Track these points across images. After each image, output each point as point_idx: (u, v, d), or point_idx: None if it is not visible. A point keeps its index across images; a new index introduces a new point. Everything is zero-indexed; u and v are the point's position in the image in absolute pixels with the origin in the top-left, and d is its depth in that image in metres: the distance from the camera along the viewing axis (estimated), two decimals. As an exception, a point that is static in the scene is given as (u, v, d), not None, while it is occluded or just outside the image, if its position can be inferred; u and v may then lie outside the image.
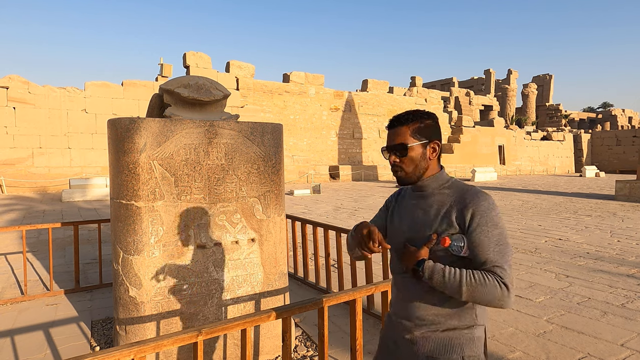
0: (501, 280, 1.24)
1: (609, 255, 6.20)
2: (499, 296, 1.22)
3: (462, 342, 1.34)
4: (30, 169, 16.13)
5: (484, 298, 1.24)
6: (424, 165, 1.41)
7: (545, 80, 47.52)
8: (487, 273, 1.25)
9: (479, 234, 1.28)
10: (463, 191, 1.36)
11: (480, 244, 1.28)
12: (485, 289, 1.23)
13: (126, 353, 1.53)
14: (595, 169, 29.75)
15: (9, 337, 3.46)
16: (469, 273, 1.26)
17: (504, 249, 1.28)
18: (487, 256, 1.27)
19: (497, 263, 1.26)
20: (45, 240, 7.11)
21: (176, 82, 3.06)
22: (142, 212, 2.70)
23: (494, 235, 1.28)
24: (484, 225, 1.29)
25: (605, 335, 3.40)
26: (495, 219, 1.30)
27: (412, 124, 1.40)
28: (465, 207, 1.31)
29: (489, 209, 1.30)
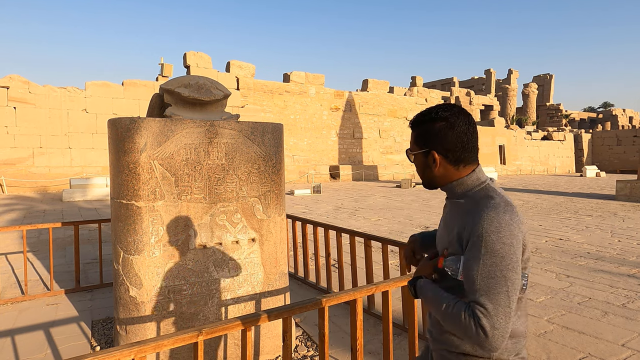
0: (478, 322, 1.03)
1: (609, 255, 6.19)
2: (473, 338, 1.04)
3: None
4: (31, 168, 16.14)
5: (456, 332, 1.09)
6: (430, 175, 1.28)
7: (545, 80, 47.50)
8: (467, 309, 1.07)
9: (469, 260, 1.10)
10: (476, 203, 1.17)
11: (468, 272, 1.10)
12: (459, 326, 1.07)
13: (127, 353, 1.53)
14: (596, 169, 29.74)
15: (10, 336, 3.46)
16: (450, 304, 1.11)
17: (494, 284, 1.05)
18: (471, 288, 1.08)
19: (479, 301, 1.05)
20: (45, 240, 7.11)
21: (177, 82, 3.06)
22: (142, 212, 2.69)
23: (485, 265, 1.07)
24: (476, 250, 1.09)
25: (606, 335, 3.40)
26: (494, 245, 1.07)
27: (416, 129, 1.29)
28: (468, 224, 1.14)
29: (490, 231, 1.08)
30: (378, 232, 8.07)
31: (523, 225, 1.14)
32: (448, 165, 1.25)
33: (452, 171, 1.25)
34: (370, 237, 3.90)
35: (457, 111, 1.24)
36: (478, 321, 1.03)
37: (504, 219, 1.09)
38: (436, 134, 1.23)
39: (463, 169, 1.25)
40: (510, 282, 1.06)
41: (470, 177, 1.24)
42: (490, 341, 1.03)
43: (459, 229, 1.18)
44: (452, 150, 1.23)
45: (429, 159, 1.26)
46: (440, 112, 1.24)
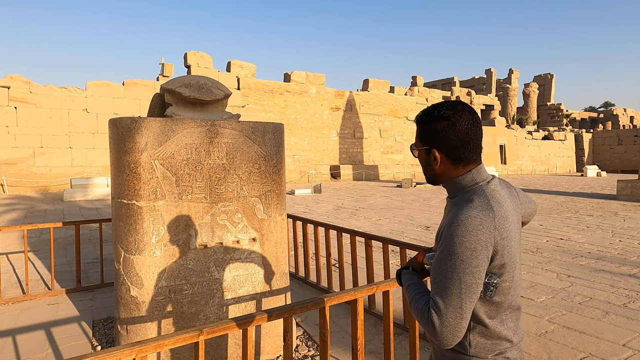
0: (430, 317, 1.10)
1: (610, 255, 6.18)
2: (428, 330, 1.11)
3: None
4: (32, 168, 16.15)
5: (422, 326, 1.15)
6: (431, 171, 1.30)
7: (546, 80, 47.46)
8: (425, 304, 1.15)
9: (435, 260, 1.16)
10: (456, 204, 1.21)
11: (433, 269, 1.16)
12: (419, 318, 1.15)
13: (127, 353, 1.53)
14: (597, 169, 29.71)
15: (11, 336, 3.46)
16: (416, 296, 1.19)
17: (449, 284, 1.10)
18: (432, 285, 1.15)
19: (434, 297, 1.12)
20: (46, 239, 7.12)
21: (177, 82, 3.06)
22: (143, 211, 2.70)
23: (444, 265, 1.12)
24: (441, 252, 1.14)
25: (607, 335, 3.40)
26: (456, 247, 1.10)
27: (420, 126, 1.30)
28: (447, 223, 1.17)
29: (455, 234, 1.11)
30: (379, 231, 8.07)
31: (498, 231, 1.14)
32: (448, 164, 1.26)
33: (451, 169, 1.26)
34: (371, 237, 3.89)
35: (461, 109, 1.23)
36: (430, 317, 1.10)
37: (472, 223, 1.11)
38: (438, 132, 1.24)
39: (462, 169, 1.25)
40: (465, 285, 1.09)
41: (465, 178, 1.25)
42: (439, 336, 1.08)
43: (441, 227, 1.23)
44: (452, 149, 1.23)
45: (431, 157, 1.27)
46: (443, 111, 1.23)
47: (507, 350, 1.23)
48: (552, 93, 47.26)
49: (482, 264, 1.11)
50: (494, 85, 43.13)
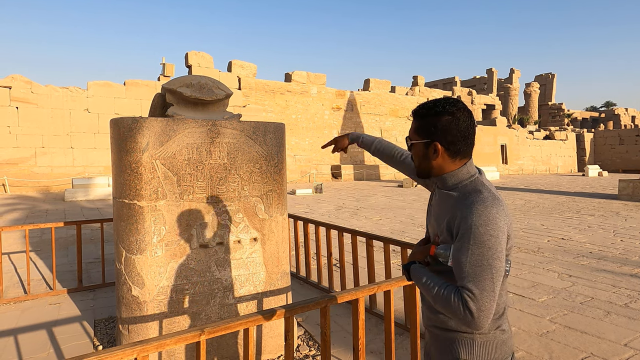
0: (465, 304, 1.15)
1: (612, 254, 6.18)
2: (462, 318, 1.16)
3: (460, 344, 1.31)
4: (33, 168, 16.18)
5: (447, 313, 1.21)
6: (427, 164, 1.35)
7: (547, 79, 47.39)
8: (456, 293, 1.18)
9: (458, 251, 1.21)
10: (466, 195, 1.26)
11: (458, 260, 1.20)
12: (449, 308, 1.18)
13: (129, 352, 1.53)
14: (598, 168, 29.67)
15: (13, 336, 3.47)
16: (441, 288, 1.22)
17: (480, 271, 1.16)
18: (461, 275, 1.19)
19: (467, 286, 1.16)
20: (48, 239, 7.13)
21: (178, 82, 3.07)
22: (144, 211, 2.70)
23: (473, 254, 1.17)
24: (466, 242, 1.19)
25: (608, 335, 3.39)
26: (482, 236, 1.17)
27: (419, 119, 1.34)
28: (457, 216, 1.23)
29: (478, 224, 1.17)
30: (380, 231, 8.07)
31: (508, 217, 1.23)
32: (447, 157, 1.32)
33: (448, 163, 1.33)
34: (372, 237, 3.89)
35: (462, 107, 1.31)
36: (466, 304, 1.15)
37: (491, 212, 1.19)
38: (442, 127, 1.29)
39: (458, 162, 1.33)
40: (495, 270, 1.17)
41: (462, 170, 1.32)
42: (477, 321, 1.15)
43: (449, 219, 1.27)
44: (454, 143, 1.30)
45: (430, 150, 1.33)
46: (447, 107, 1.30)
47: (502, 323, 1.32)
48: (554, 93, 47.20)
49: (504, 248, 1.20)
50: (495, 85, 43.09)
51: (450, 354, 1.33)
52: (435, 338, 1.39)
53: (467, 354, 1.30)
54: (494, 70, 43.38)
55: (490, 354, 1.30)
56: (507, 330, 1.34)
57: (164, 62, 20.56)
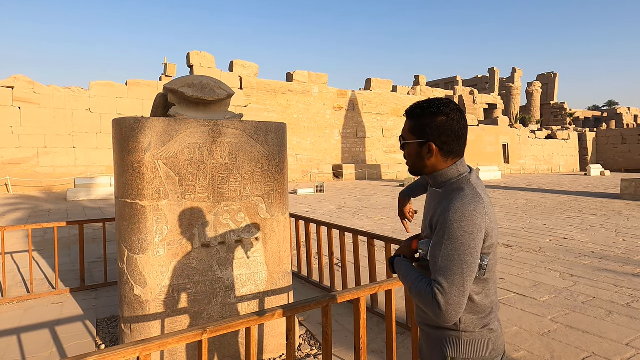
0: (435, 297, 1.19)
1: (614, 254, 6.16)
2: (432, 310, 1.20)
3: (447, 342, 1.34)
4: (36, 168, 16.23)
5: (423, 305, 1.24)
6: (420, 163, 1.37)
7: (549, 79, 47.29)
8: (428, 286, 1.22)
9: (433, 245, 1.25)
10: (448, 194, 1.30)
11: (433, 255, 1.25)
12: (422, 300, 1.23)
13: (132, 351, 1.54)
14: (601, 168, 29.59)
15: (16, 335, 3.49)
16: (417, 280, 1.27)
17: (451, 265, 1.19)
18: (434, 268, 1.23)
19: (438, 279, 1.20)
20: (50, 239, 7.16)
21: (180, 82, 3.08)
22: (146, 211, 2.71)
23: (445, 249, 1.21)
24: (440, 237, 1.23)
25: (610, 335, 3.39)
26: (456, 232, 1.20)
27: (414, 119, 1.36)
28: (437, 212, 1.28)
29: (453, 220, 1.21)
30: (381, 231, 8.07)
31: (488, 215, 1.27)
32: (439, 157, 1.35)
33: (441, 162, 1.36)
34: (374, 237, 3.90)
35: (455, 108, 1.34)
36: (435, 296, 1.19)
37: (467, 209, 1.22)
38: (437, 127, 1.32)
39: (450, 161, 1.36)
40: (466, 266, 1.20)
41: (451, 169, 1.36)
42: (444, 314, 1.18)
43: (432, 215, 1.32)
44: (447, 143, 1.33)
45: (424, 149, 1.35)
46: (442, 108, 1.32)
47: (490, 322, 1.35)
48: (556, 92, 47.10)
49: (479, 245, 1.23)
50: (497, 84, 43.01)
51: (439, 352, 1.36)
52: (426, 335, 1.44)
53: (454, 352, 1.33)
54: (495, 70, 43.30)
55: (477, 352, 1.32)
56: (496, 329, 1.35)
57: (165, 62, 20.59)
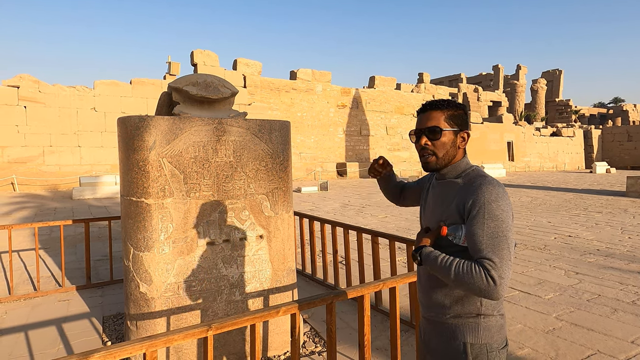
0: (488, 273, 1.23)
1: (619, 252, 6.13)
2: (484, 288, 1.23)
3: (465, 329, 1.39)
4: (41, 167, 16.33)
5: (471, 288, 1.26)
6: (453, 152, 1.46)
7: (554, 76, 46.98)
8: (477, 265, 1.26)
9: (473, 225, 1.30)
10: (472, 180, 1.39)
11: (474, 235, 1.29)
12: (471, 280, 1.24)
13: (138, 347, 1.56)
14: (606, 165, 29.38)
15: (23, 332, 3.52)
16: (459, 263, 1.29)
17: (498, 242, 1.26)
18: (479, 247, 1.28)
19: (487, 256, 1.26)
20: (56, 237, 7.21)
21: (184, 80, 3.09)
22: (152, 209, 2.73)
23: (489, 227, 1.28)
24: (480, 217, 1.29)
25: (615, 332, 3.38)
26: (495, 211, 1.29)
27: (446, 110, 1.45)
28: (469, 196, 1.34)
29: (490, 200, 1.30)
30: (385, 229, 8.07)
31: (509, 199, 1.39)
32: (463, 147, 1.49)
33: (462, 152, 1.49)
34: (378, 234, 3.90)
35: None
36: (488, 272, 1.23)
37: (499, 191, 1.33)
38: (464, 117, 1.48)
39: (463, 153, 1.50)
40: (510, 241, 1.28)
41: (464, 160, 1.49)
42: (498, 289, 1.23)
43: (457, 202, 1.38)
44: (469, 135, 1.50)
45: (458, 138, 1.46)
46: (459, 104, 1.49)
47: (502, 307, 1.44)
48: (561, 89, 46.79)
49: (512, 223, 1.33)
50: (502, 82, 42.77)
51: (456, 340, 1.40)
52: (437, 327, 1.46)
53: (472, 338, 1.38)
54: (500, 67, 43.06)
55: (492, 337, 1.39)
56: (504, 315, 1.45)
57: (169, 61, 20.63)
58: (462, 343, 1.39)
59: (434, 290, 1.46)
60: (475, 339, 1.38)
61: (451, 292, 1.42)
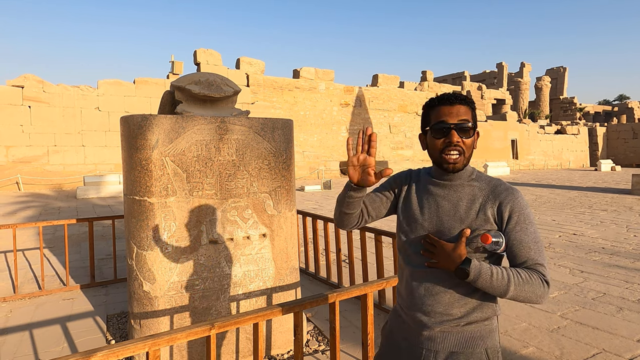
0: (544, 277, 1.23)
1: (625, 250, 6.09)
2: (541, 293, 1.23)
3: (484, 334, 1.33)
4: (46, 166, 16.41)
5: (528, 296, 1.23)
6: (472, 152, 1.34)
7: (559, 73, 46.72)
8: (531, 271, 1.24)
9: (519, 232, 1.27)
10: (495, 185, 1.34)
11: (521, 242, 1.27)
12: (531, 288, 1.22)
13: (141, 346, 1.56)
14: (611, 163, 29.20)
15: (28, 330, 3.54)
16: (515, 272, 1.23)
17: (541, 246, 1.28)
18: (529, 254, 1.26)
19: (538, 261, 1.26)
20: (61, 236, 7.25)
21: (187, 79, 3.09)
22: (155, 208, 2.73)
23: (531, 232, 1.27)
24: (523, 223, 1.28)
25: (620, 331, 3.36)
26: (530, 216, 1.30)
27: (470, 106, 1.34)
28: (503, 202, 1.29)
29: (525, 206, 1.30)
30: (388, 227, 8.05)
31: None
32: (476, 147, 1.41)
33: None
34: (381, 233, 3.89)
35: None
36: (544, 277, 1.24)
37: (522, 196, 1.33)
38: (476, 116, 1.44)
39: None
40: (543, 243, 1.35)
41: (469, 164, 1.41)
42: (548, 291, 1.25)
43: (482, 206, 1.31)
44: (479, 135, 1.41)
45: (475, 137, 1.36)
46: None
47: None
48: (565, 86, 46.53)
49: None
50: (506, 79, 42.58)
51: (479, 347, 1.31)
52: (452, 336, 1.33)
53: (490, 342, 1.33)
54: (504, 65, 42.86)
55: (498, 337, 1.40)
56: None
57: (172, 60, 20.67)
58: (485, 350, 1.31)
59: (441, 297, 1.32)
60: (492, 342, 1.33)
61: (467, 300, 1.31)
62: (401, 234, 1.43)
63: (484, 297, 1.32)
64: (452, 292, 1.31)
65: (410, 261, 1.40)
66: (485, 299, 1.33)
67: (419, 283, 1.36)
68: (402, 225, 1.43)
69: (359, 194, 1.37)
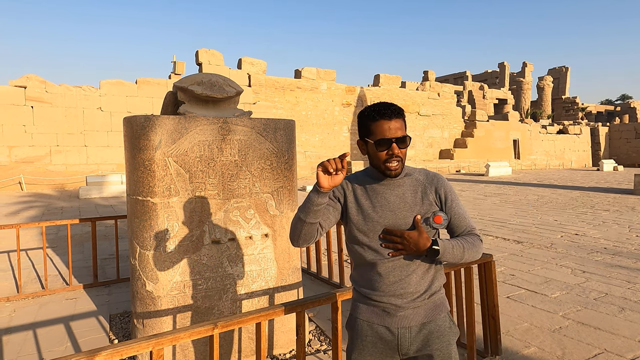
0: (479, 237, 1.55)
1: (627, 250, 6.08)
2: (480, 250, 1.54)
3: (443, 300, 1.59)
4: (48, 166, 16.47)
5: (474, 255, 1.52)
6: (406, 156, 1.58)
7: (561, 73, 46.62)
8: (471, 236, 1.54)
9: (455, 208, 1.56)
10: (426, 174, 1.59)
11: (459, 215, 1.57)
12: (476, 249, 1.52)
13: (144, 345, 1.57)
14: (613, 163, 29.11)
15: (31, 330, 3.56)
16: (463, 240, 1.52)
17: (468, 214, 1.60)
18: (467, 223, 1.57)
19: (472, 225, 1.59)
20: (64, 236, 7.27)
21: (189, 80, 3.10)
22: (157, 208, 2.74)
23: (462, 206, 1.59)
24: (456, 200, 1.58)
25: (622, 331, 3.36)
26: (456, 193, 1.62)
27: (403, 116, 1.51)
28: (437, 187, 1.56)
29: (451, 187, 1.60)
30: (390, 227, 8.04)
31: None
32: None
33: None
34: (383, 233, 3.89)
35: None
36: (479, 237, 1.56)
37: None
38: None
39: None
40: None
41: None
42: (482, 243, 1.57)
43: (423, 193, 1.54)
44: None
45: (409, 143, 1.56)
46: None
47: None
48: (567, 86, 46.43)
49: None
50: (507, 79, 42.52)
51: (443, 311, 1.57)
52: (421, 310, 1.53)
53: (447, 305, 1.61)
54: (506, 64, 42.80)
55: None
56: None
57: (174, 60, 20.70)
58: (447, 313, 1.58)
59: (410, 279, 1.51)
60: (447, 305, 1.60)
61: (426, 275, 1.54)
62: (359, 233, 1.53)
63: (436, 268, 1.57)
64: (417, 271, 1.52)
65: (374, 255, 1.52)
66: (437, 269, 1.58)
67: (388, 272, 1.52)
68: (358, 225, 1.53)
69: (324, 200, 1.43)
